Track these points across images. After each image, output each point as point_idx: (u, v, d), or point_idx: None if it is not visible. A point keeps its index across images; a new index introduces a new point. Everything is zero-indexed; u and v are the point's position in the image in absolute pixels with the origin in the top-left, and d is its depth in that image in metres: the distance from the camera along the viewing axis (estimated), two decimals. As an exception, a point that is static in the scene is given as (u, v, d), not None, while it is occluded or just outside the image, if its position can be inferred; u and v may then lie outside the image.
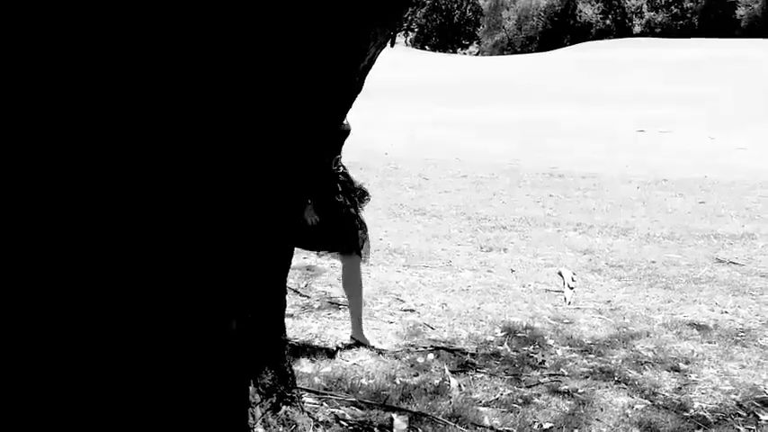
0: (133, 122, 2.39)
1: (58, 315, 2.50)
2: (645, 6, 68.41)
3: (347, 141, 4.97)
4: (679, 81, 29.66)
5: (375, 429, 3.66)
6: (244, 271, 2.83)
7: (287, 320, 4.39)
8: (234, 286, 2.81)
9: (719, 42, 46.04)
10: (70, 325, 2.51)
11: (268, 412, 3.06)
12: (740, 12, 61.35)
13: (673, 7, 67.51)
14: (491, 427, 3.86)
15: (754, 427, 3.96)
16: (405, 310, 5.65)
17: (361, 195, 5.12)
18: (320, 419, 3.58)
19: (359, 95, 3.03)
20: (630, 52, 43.34)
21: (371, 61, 2.95)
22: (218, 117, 2.50)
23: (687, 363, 4.71)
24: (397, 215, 9.19)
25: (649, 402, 4.20)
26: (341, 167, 4.99)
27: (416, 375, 4.48)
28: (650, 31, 65.44)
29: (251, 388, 3.00)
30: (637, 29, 67.16)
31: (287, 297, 3.41)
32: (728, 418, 4.03)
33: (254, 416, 2.98)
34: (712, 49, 40.63)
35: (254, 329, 2.98)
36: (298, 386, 3.51)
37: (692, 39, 52.83)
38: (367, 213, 9.06)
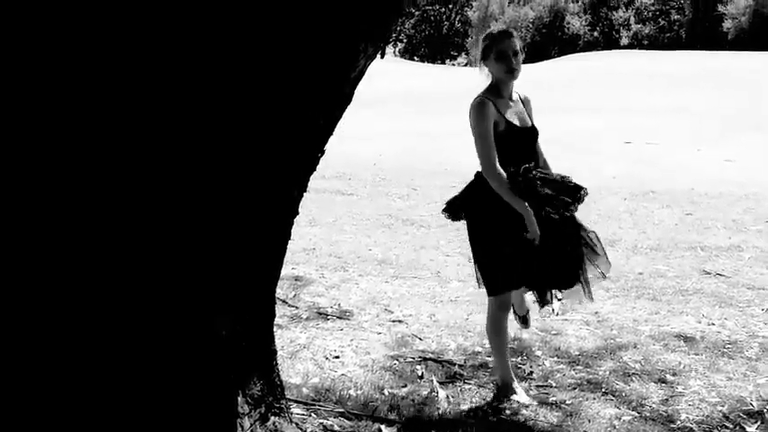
0: (127, 130, 2.40)
1: (42, 318, 2.49)
2: (632, 19, 68.77)
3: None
4: (666, 93, 29.78)
5: (363, 440, 3.65)
6: (233, 280, 2.83)
7: (276, 331, 4.39)
8: (223, 295, 2.81)
9: (706, 55, 46.27)
10: (54, 328, 2.50)
11: (256, 423, 3.05)
12: (727, 25, 61.71)
13: (660, 20, 67.89)
14: (479, 439, 3.87)
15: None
16: (393, 321, 5.66)
17: (566, 200, 4.25)
18: (308, 430, 3.58)
19: (349, 106, 3.04)
20: (618, 64, 43.51)
21: (362, 72, 2.96)
22: (212, 126, 2.50)
23: (674, 374, 4.72)
24: (386, 225, 9.20)
25: (636, 414, 4.21)
26: (535, 172, 4.22)
27: (404, 386, 4.48)
28: (637, 43, 65.77)
29: (239, 398, 2.99)
30: (624, 41, 67.49)
31: (276, 307, 3.42)
32: (715, 430, 4.04)
33: (242, 426, 2.97)
34: (699, 61, 40.81)
35: (243, 339, 2.98)
36: (286, 397, 3.51)
37: (679, 51, 53.08)
38: (355, 223, 9.09)
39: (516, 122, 4.18)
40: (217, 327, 2.78)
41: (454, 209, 4.35)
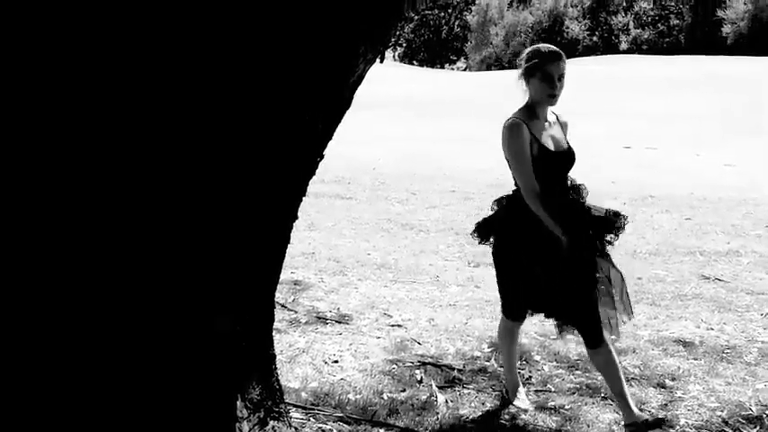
0: (130, 133, 2.40)
1: (41, 319, 2.49)
2: (631, 24, 68.82)
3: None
4: (665, 98, 29.80)
5: (362, 445, 3.65)
6: (233, 283, 2.83)
7: (274, 335, 4.39)
8: (223, 298, 2.81)
9: (706, 59, 46.31)
10: (53, 330, 2.50)
11: (255, 427, 3.05)
12: (726, 29, 61.75)
13: (659, 25, 67.95)
14: (478, 443, 3.86)
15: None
16: (392, 326, 5.66)
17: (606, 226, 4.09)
18: (307, 435, 3.58)
19: (348, 110, 3.04)
20: (617, 69, 43.55)
21: (361, 76, 2.96)
22: (212, 130, 2.50)
23: (673, 379, 4.72)
24: (385, 230, 9.20)
25: (636, 419, 4.20)
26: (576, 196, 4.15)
27: (403, 391, 4.48)
28: (637, 48, 65.79)
29: (238, 402, 2.99)
30: (623, 46, 67.52)
31: (275, 311, 3.41)
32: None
33: (241, 430, 2.97)
34: (698, 66, 40.84)
35: (242, 343, 2.98)
36: (285, 401, 3.51)
37: (678, 56, 53.11)
38: (354, 228, 9.09)
39: (551, 146, 3.98)
40: (216, 330, 2.78)
41: (485, 230, 4.22)
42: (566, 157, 4.05)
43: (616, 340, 4.43)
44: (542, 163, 3.93)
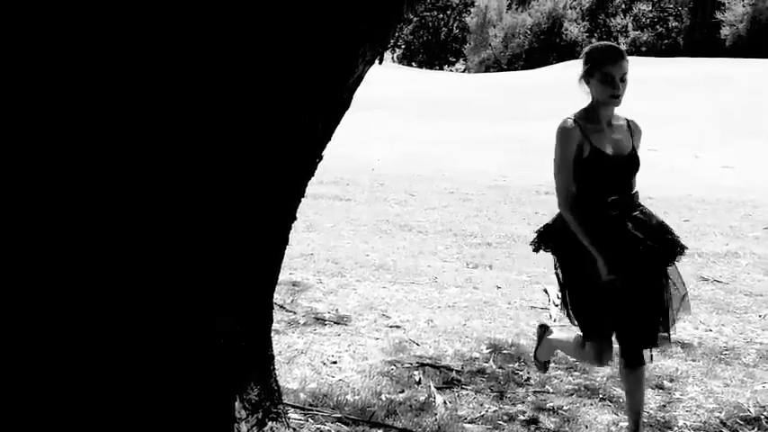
0: (130, 135, 2.40)
1: (37, 319, 2.49)
2: (630, 26, 68.84)
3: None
4: (664, 100, 29.79)
5: (360, 446, 3.65)
6: (231, 284, 2.83)
7: (273, 336, 4.38)
8: (222, 299, 2.81)
9: (704, 61, 46.31)
10: (50, 329, 2.51)
11: (254, 428, 3.05)
12: (725, 32, 61.76)
13: (658, 27, 67.97)
14: (476, 444, 3.87)
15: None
16: (390, 327, 5.66)
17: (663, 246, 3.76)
18: (306, 435, 3.58)
19: (347, 111, 3.05)
20: (616, 71, 43.49)
21: (360, 77, 2.96)
22: (211, 130, 2.50)
23: (671, 380, 4.73)
24: (384, 231, 9.20)
25: (634, 420, 4.21)
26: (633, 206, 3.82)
27: (402, 392, 4.48)
28: (635, 49, 65.75)
29: (236, 403, 2.99)
30: (622, 47, 67.47)
31: (273, 312, 3.41)
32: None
33: (239, 431, 2.97)
34: (697, 67, 40.81)
35: (241, 344, 2.98)
36: (283, 402, 3.51)
37: (676, 58, 53.11)
38: (353, 229, 9.09)
39: (607, 150, 3.69)
40: (215, 331, 2.78)
41: (542, 238, 3.98)
42: (625, 162, 3.75)
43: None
44: (595, 166, 3.68)
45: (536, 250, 4.04)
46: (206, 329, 2.76)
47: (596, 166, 3.69)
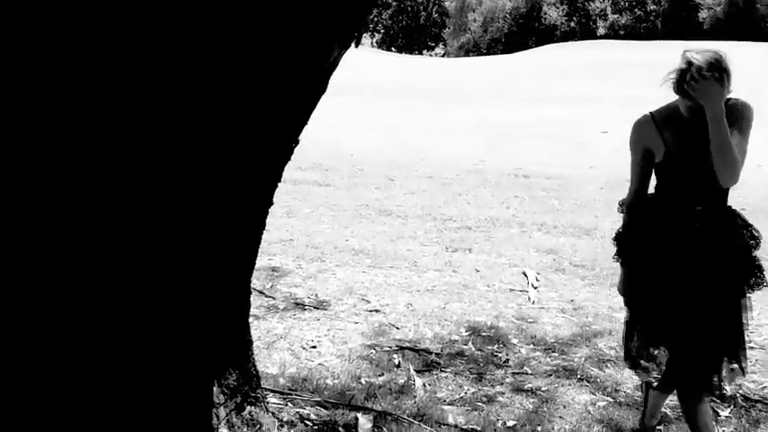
0: (100, 123, 2.39)
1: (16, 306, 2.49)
2: (609, 9, 68.97)
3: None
4: (642, 83, 29.90)
5: (340, 429, 3.67)
6: (207, 270, 2.83)
7: (252, 321, 4.39)
8: (198, 285, 2.81)
9: (683, 44, 46.41)
10: (28, 317, 2.50)
11: (232, 413, 3.06)
12: (703, 14, 62.04)
13: (636, 10, 68.13)
14: (455, 426, 3.89)
15: (713, 423, 4.01)
16: (370, 311, 5.67)
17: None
18: (285, 419, 3.59)
19: (324, 96, 3.05)
20: (594, 54, 43.67)
21: (336, 61, 2.96)
22: (185, 116, 2.50)
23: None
24: (363, 216, 9.20)
25: (611, 399, 4.25)
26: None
27: (381, 375, 4.50)
28: (614, 33, 65.97)
29: (215, 389, 3.00)
30: (601, 31, 67.68)
31: (252, 298, 3.42)
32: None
33: (218, 416, 2.98)
34: (675, 50, 40.95)
35: (219, 330, 2.98)
36: (262, 387, 3.52)
37: (655, 41, 53.30)
38: (332, 214, 9.09)
39: (682, 153, 3.31)
40: (191, 317, 2.78)
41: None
42: (696, 165, 3.28)
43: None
44: (669, 169, 3.36)
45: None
46: (182, 315, 2.76)
47: (670, 169, 3.39)
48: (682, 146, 3.32)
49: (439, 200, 10.29)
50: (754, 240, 3.42)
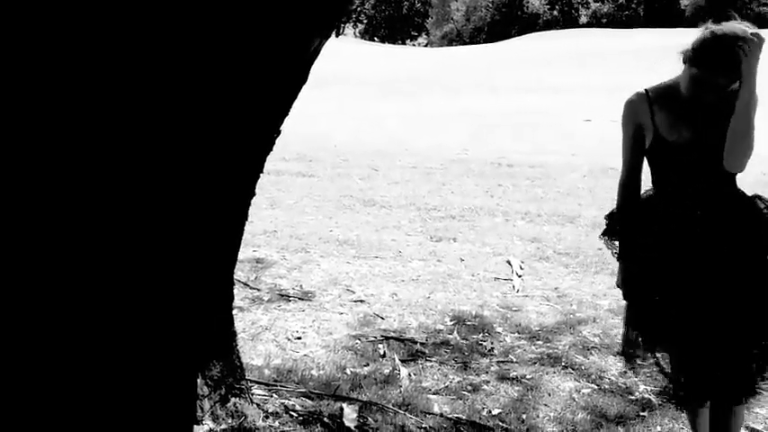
0: (82, 115, 2.37)
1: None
2: (591, -3, 69.07)
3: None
4: (625, 70, 29.99)
5: (325, 419, 3.67)
6: (190, 262, 2.82)
7: (237, 313, 4.38)
8: (181, 277, 2.79)
9: (664, 32, 46.61)
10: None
11: (217, 404, 3.05)
12: (684, 1, 62.20)
13: (618, -3, 68.25)
14: (441, 415, 3.89)
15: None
16: (355, 301, 5.67)
17: None
18: (270, 410, 3.58)
19: (308, 87, 3.03)
20: (577, 42, 43.75)
21: (316, 51, 2.95)
22: (166, 108, 2.48)
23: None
24: (347, 206, 9.19)
25: (596, 386, 4.27)
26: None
27: (367, 365, 4.50)
28: (596, 21, 66.06)
29: (199, 380, 2.99)
30: (583, 19, 67.76)
31: (236, 290, 3.41)
32: (672, 401, 4.10)
33: (202, 408, 2.97)
34: (657, 38, 41.08)
35: (202, 322, 2.97)
36: (247, 378, 3.51)
37: (637, 29, 53.43)
38: (316, 205, 9.08)
39: (671, 136, 3.06)
40: (174, 309, 2.77)
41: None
42: (693, 150, 3.05)
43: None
44: (659, 155, 3.15)
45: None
46: (166, 308, 2.75)
47: (660, 155, 3.18)
48: (675, 129, 3.07)
49: (423, 189, 10.29)
50: None
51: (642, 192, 3.27)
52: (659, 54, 34.61)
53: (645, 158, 3.23)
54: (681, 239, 3.10)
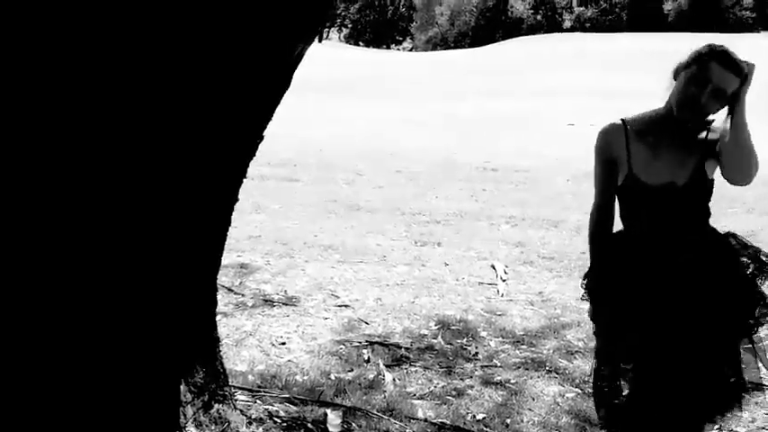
0: (65, 113, 2.36)
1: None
2: (574, 1, 69.34)
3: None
4: (608, 75, 30.12)
5: (309, 425, 3.66)
6: (172, 267, 2.81)
7: (221, 319, 4.37)
8: (163, 283, 2.78)
9: (648, 36, 46.87)
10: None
11: (200, 411, 3.04)
12: (667, 6, 62.55)
13: (602, 2, 68.52)
14: (425, 420, 3.89)
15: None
16: (339, 306, 5.66)
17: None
18: (253, 416, 3.57)
19: (293, 91, 3.02)
20: (561, 47, 43.91)
21: (300, 56, 2.94)
22: (150, 112, 2.47)
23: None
24: (332, 211, 9.18)
25: (580, 391, 4.27)
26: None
27: (351, 370, 4.49)
28: (580, 25, 66.29)
29: (182, 387, 2.97)
30: (567, 24, 68.02)
31: (220, 295, 3.39)
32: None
33: (185, 415, 2.96)
34: (641, 42, 41.31)
35: (185, 327, 2.96)
36: (231, 384, 3.50)
37: (620, 33, 53.66)
38: (301, 210, 9.06)
39: (646, 176, 2.90)
40: (156, 314, 2.76)
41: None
42: (669, 194, 2.89)
43: None
44: (631, 195, 3.01)
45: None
46: (149, 313, 2.74)
47: (633, 195, 3.03)
48: (651, 169, 2.91)
49: (408, 194, 10.29)
50: (759, 266, 2.92)
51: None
52: (643, 58, 34.78)
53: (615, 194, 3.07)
54: (652, 285, 2.94)
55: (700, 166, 2.86)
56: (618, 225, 3.19)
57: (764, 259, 2.92)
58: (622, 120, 3.01)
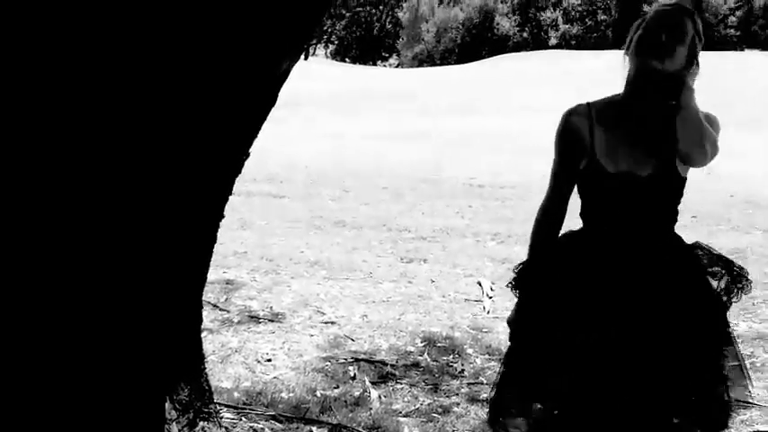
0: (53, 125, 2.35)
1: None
2: (560, 19, 69.72)
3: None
4: (593, 91, 30.24)
5: (294, 443, 3.65)
6: (157, 284, 2.79)
7: (206, 335, 4.35)
8: (148, 300, 2.77)
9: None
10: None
11: (185, 428, 3.02)
12: (651, 24, 63.01)
13: (587, 20, 68.95)
14: (411, 437, 3.89)
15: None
16: (325, 323, 5.65)
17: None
18: (239, 434, 3.56)
19: (279, 107, 3.02)
20: (546, 64, 44.10)
21: (286, 73, 2.94)
22: (133, 125, 2.46)
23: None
24: (318, 227, 9.18)
25: (566, 408, 4.26)
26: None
27: (337, 387, 4.48)
28: (566, 43, 66.65)
29: (167, 404, 2.96)
30: (553, 41, 68.35)
31: (206, 312, 3.38)
32: None
33: (170, 432, 2.94)
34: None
35: (170, 344, 2.94)
36: (216, 401, 3.48)
37: (605, 51, 53.97)
38: (287, 226, 9.05)
39: (609, 164, 2.65)
40: (141, 331, 2.74)
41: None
42: (639, 186, 2.63)
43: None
44: (594, 184, 2.73)
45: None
46: (133, 330, 2.72)
47: (595, 185, 2.76)
48: (614, 156, 2.66)
49: (394, 210, 10.30)
50: (732, 278, 2.66)
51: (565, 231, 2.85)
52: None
53: (575, 186, 2.80)
54: (607, 289, 2.65)
55: (668, 159, 2.62)
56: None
57: (738, 271, 2.66)
58: (588, 103, 2.77)
